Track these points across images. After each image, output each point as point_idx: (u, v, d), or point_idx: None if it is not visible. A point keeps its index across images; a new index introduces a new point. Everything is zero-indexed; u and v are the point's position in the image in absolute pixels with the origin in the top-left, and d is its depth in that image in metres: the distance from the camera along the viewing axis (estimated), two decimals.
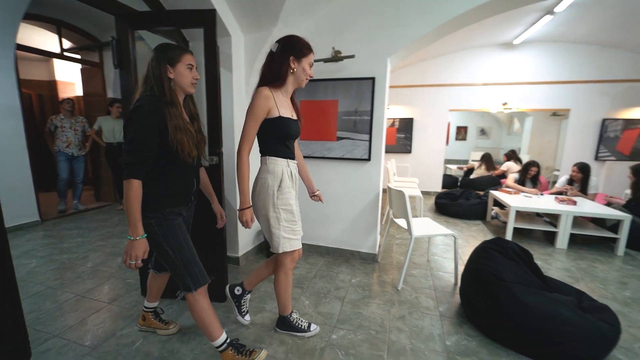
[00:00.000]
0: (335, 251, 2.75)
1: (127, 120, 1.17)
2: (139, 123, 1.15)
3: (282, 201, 1.42)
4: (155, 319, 1.69)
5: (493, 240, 1.89)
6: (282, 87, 1.42)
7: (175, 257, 1.28)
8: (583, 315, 1.49)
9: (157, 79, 1.22)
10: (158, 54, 1.23)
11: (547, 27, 4.21)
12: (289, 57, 1.36)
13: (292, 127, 1.43)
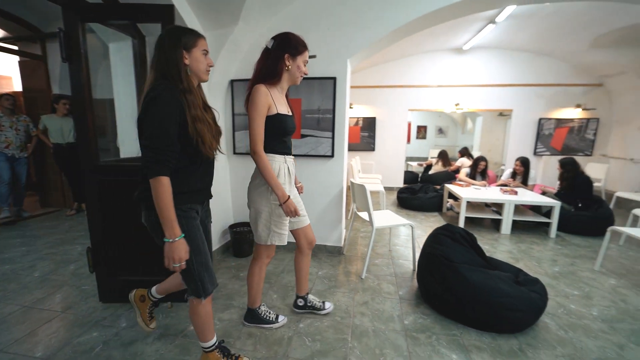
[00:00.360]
0: None
1: (144, 112, 1.07)
2: (160, 115, 1.05)
3: (275, 196, 1.44)
4: (148, 309, 1.56)
5: (443, 226, 2.09)
6: (277, 84, 1.44)
7: (190, 260, 1.16)
8: (518, 288, 1.71)
9: (173, 65, 1.11)
10: (172, 39, 1.13)
11: (491, 35, 4.64)
12: (284, 55, 1.38)
13: (289, 123, 1.46)
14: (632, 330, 1.74)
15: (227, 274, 2.37)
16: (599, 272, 2.49)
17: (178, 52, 1.12)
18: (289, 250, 2.83)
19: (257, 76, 1.41)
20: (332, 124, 2.52)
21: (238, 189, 2.85)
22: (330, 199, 2.68)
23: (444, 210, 4.34)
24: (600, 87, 5.18)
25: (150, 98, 1.06)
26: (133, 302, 1.56)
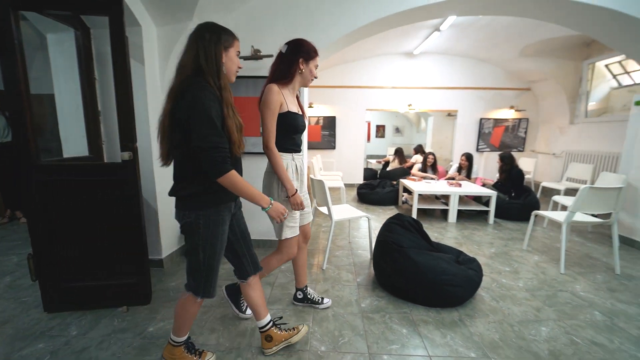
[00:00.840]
0: (265, 243, 2.85)
1: (189, 112, 1.03)
2: (209, 113, 1.04)
3: (285, 193, 1.52)
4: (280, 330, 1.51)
5: (394, 216, 2.28)
6: (289, 85, 1.51)
7: (203, 262, 1.21)
8: (458, 266, 1.94)
9: (213, 62, 1.10)
10: (214, 35, 1.11)
11: (437, 41, 5.05)
12: (298, 59, 1.47)
13: (299, 121, 1.53)
14: (547, 296, 2.07)
15: None
16: (526, 251, 2.88)
17: (219, 48, 1.12)
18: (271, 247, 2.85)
19: (271, 77, 1.50)
20: None
21: None
22: None
23: (399, 203, 4.64)
24: (528, 91, 5.90)
25: (193, 97, 1.04)
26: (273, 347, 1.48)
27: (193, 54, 1.10)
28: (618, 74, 4.85)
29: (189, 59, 1.10)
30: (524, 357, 1.50)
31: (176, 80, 1.11)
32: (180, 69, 1.11)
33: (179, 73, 1.11)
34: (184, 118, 1.06)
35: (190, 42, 1.12)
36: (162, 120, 1.13)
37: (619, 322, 1.81)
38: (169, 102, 1.11)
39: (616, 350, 1.57)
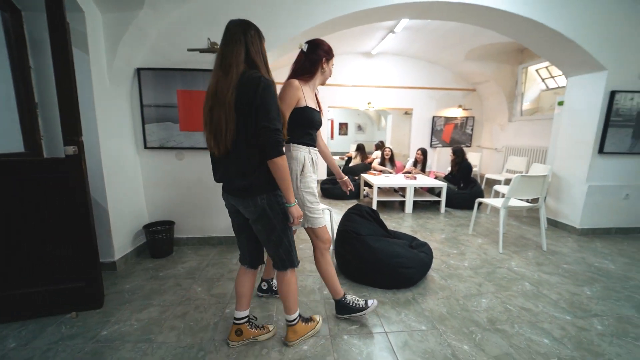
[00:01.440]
0: (227, 240, 2.81)
1: (264, 92, 1.13)
2: (275, 100, 1.16)
3: (304, 184, 1.54)
4: (252, 328, 1.54)
5: (353, 206, 2.40)
6: (309, 82, 1.57)
7: (284, 235, 1.35)
8: (411, 250, 2.11)
9: (261, 56, 1.22)
10: (255, 32, 1.23)
11: (393, 43, 5.32)
12: (322, 58, 1.54)
13: (316, 116, 1.56)
14: (488, 273, 2.33)
15: (145, 275, 2.23)
16: (471, 235, 3.19)
17: (263, 44, 1.24)
18: (214, 245, 2.80)
19: (293, 74, 1.57)
20: None
21: (152, 186, 2.67)
22: None
23: (361, 197, 4.83)
24: (474, 91, 6.46)
25: (265, 84, 1.14)
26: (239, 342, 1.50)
27: (243, 50, 1.18)
28: (546, 77, 5.51)
29: (240, 55, 1.17)
30: (466, 325, 1.69)
31: (232, 73, 1.15)
32: (232, 64, 1.16)
33: (233, 67, 1.16)
34: (259, 104, 1.14)
35: (234, 38, 1.18)
36: (224, 114, 1.15)
37: (543, 289, 2.10)
38: (231, 94, 1.14)
39: (540, 312, 1.82)
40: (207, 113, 1.19)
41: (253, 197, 1.26)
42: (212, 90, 1.19)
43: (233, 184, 1.28)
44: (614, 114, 3.04)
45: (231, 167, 1.25)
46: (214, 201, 2.73)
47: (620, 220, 3.31)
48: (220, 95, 1.15)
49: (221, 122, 1.16)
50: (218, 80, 1.17)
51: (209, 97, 1.20)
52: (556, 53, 3.17)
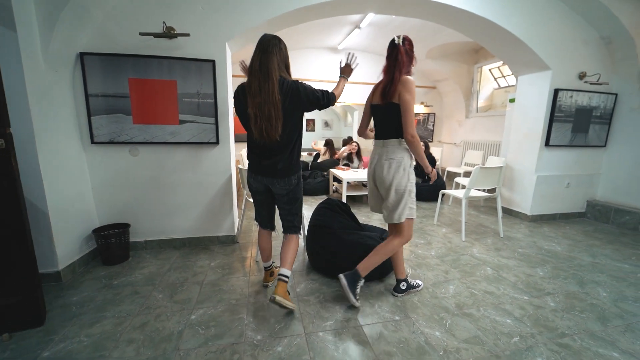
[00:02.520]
0: (191, 241, 2.63)
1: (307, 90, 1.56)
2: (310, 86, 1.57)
3: (412, 176, 1.69)
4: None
5: (324, 201, 2.37)
6: None
7: (300, 207, 1.78)
8: (381, 242, 2.12)
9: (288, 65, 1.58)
10: (283, 45, 1.55)
11: (358, 38, 5.36)
12: (414, 55, 1.67)
13: None
14: (453, 260, 2.44)
15: (96, 285, 2.00)
16: (436, 225, 3.32)
17: (288, 54, 1.59)
18: (176, 247, 2.61)
19: (403, 70, 1.61)
20: (214, 109, 2.43)
21: (102, 186, 2.40)
22: (218, 187, 2.60)
23: (330, 192, 4.83)
24: (434, 89, 6.76)
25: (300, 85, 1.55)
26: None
27: (276, 59, 1.49)
28: (498, 77, 5.93)
29: (275, 62, 1.48)
30: (436, 312, 1.74)
31: (272, 77, 1.47)
32: (271, 70, 1.47)
33: (272, 72, 1.47)
34: (306, 99, 1.56)
35: (270, 49, 1.49)
36: (274, 110, 1.47)
37: (503, 273, 2.24)
38: (278, 95, 1.47)
39: (501, 295, 1.94)
40: (258, 108, 1.47)
41: (289, 176, 1.64)
42: (255, 89, 1.47)
43: (275, 166, 1.60)
44: (558, 110, 3.34)
45: (276, 153, 1.58)
46: (174, 200, 2.53)
47: (563, 206, 3.67)
48: (267, 95, 1.46)
49: (272, 116, 1.47)
50: (260, 81, 1.47)
51: (255, 94, 1.47)
52: (508, 52, 3.39)
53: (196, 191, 2.56)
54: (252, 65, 1.49)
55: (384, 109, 1.67)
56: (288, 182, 1.65)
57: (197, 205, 2.59)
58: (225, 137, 2.52)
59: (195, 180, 2.54)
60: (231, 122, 2.64)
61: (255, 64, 1.48)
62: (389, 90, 1.61)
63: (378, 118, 1.76)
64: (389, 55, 1.65)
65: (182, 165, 2.50)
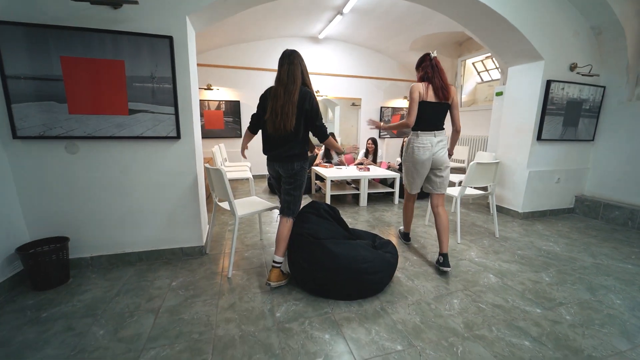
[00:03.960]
0: (150, 255, 2.21)
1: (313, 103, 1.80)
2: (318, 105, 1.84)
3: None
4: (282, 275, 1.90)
5: (309, 204, 2.03)
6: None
7: (301, 193, 1.94)
8: (375, 252, 1.82)
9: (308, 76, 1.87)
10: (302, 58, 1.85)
11: (340, 27, 5.04)
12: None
13: None
14: (452, 266, 2.18)
15: (18, 320, 1.55)
16: (428, 226, 3.09)
17: (306, 67, 1.85)
18: (131, 263, 2.18)
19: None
20: (173, 96, 2.01)
21: (31, 192, 1.93)
22: (182, 190, 2.19)
23: (313, 191, 4.50)
24: None
25: (312, 96, 1.81)
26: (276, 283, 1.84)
27: (299, 71, 1.79)
28: (481, 71, 5.83)
29: (298, 72, 1.78)
30: (444, 336, 1.46)
31: (297, 84, 1.76)
32: (296, 78, 1.77)
33: (297, 80, 1.77)
34: (309, 109, 1.79)
35: (295, 61, 1.79)
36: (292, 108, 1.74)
37: (507, 280, 2.01)
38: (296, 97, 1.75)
39: (511, 308, 1.70)
40: (280, 107, 1.74)
41: (292, 162, 1.86)
42: (280, 93, 1.75)
43: (286, 152, 1.84)
44: (550, 103, 3.19)
45: (288, 142, 1.82)
46: (127, 206, 2.10)
47: (553, 202, 3.56)
48: (290, 96, 1.73)
49: (289, 113, 1.73)
50: (287, 85, 1.75)
51: (279, 96, 1.75)
52: (500, 41, 3.20)
53: (154, 195, 2.14)
54: (280, 74, 1.79)
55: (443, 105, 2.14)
56: (291, 166, 1.87)
57: (155, 211, 2.17)
58: (188, 131, 2.11)
59: (153, 182, 2.12)
60: (196, 113, 2.23)
61: (283, 73, 1.78)
62: (447, 93, 2.09)
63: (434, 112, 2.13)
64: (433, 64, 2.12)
65: (135, 164, 2.07)
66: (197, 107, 2.36)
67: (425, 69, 2.11)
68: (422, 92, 2.07)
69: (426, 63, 2.11)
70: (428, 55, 2.11)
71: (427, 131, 2.15)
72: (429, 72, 2.08)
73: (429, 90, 2.06)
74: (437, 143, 2.15)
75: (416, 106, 2.08)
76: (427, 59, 2.12)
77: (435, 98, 2.07)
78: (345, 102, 8.44)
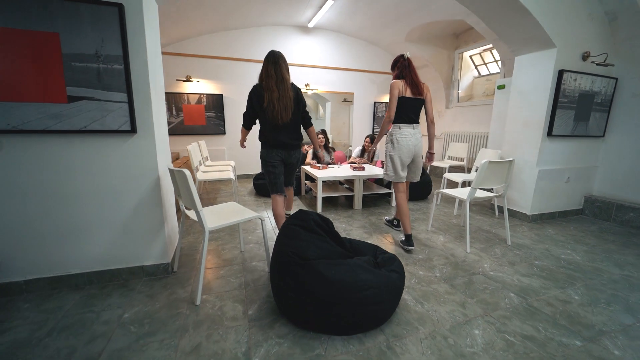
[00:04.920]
0: (101, 276, 1.81)
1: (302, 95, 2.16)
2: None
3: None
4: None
5: (295, 215, 1.65)
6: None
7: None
8: (379, 273, 1.47)
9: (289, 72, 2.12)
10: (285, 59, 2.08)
11: (331, 15, 4.66)
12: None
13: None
14: (465, 284, 1.86)
15: None
16: (431, 232, 2.76)
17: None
18: (77, 287, 1.77)
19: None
20: (125, 79, 1.61)
21: None
22: (140, 196, 1.79)
23: (302, 193, 4.13)
24: None
25: (300, 91, 2.15)
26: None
27: (286, 71, 2.04)
28: (479, 64, 5.57)
29: (285, 70, 2.04)
30: None
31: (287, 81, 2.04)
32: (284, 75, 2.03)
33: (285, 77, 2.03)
34: (302, 99, 2.15)
35: (281, 61, 2.03)
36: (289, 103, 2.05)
37: (532, 300, 1.70)
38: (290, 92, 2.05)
39: (546, 341, 1.38)
40: (277, 100, 2.01)
41: (299, 147, 2.26)
42: (273, 86, 2.00)
43: (294, 141, 2.19)
44: (561, 95, 2.91)
45: (292, 130, 2.17)
46: (71, 218, 1.69)
47: (561, 203, 3.30)
48: (284, 91, 2.02)
49: (288, 105, 2.05)
50: (277, 82, 2.01)
51: (273, 90, 2.00)
52: (509, 26, 2.89)
53: (105, 203, 1.74)
54: (268, 71, 2.00)
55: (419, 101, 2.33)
56: (299, 152, 2.25)
57: (107, 223, 1.77)
58: (147, 123, 1.71)
59: (103, 186, 1.71)
60: (159, 102, 1.84)
61: (271, 71, 1.99)
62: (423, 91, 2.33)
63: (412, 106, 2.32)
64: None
65: (78, 165, 1.66)
66: (162, 94, 1.96)
67: (400, 68, 2.31)
68: (401, 88, 2.26)
69: (401, 62, 2.32)
70: (402, 56, 2.32)
71: (407, 124, 2.33)
72: (404, 70, 2.29)
73: (407, 87, 2.26)
74: (415, 134, 2.35)
75: (396, 101, 2.26)
76: (401, 59, 2.32)
77: (412, 94, 2.26)
78: (337, 97, 8.09)
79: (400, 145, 2.34)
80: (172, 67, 4.67)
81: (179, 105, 4.77)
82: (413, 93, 2.26)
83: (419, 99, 2.30)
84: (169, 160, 2.13)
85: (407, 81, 2.26)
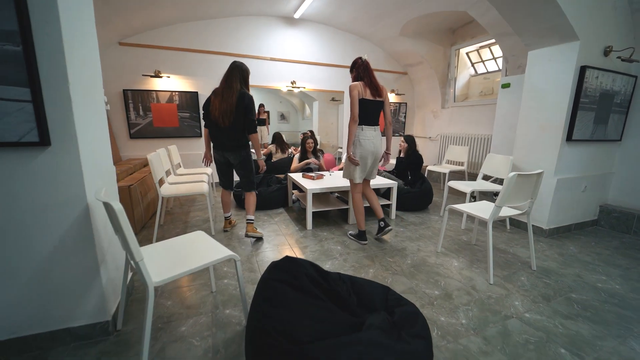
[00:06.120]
0: (10, 346, 1.28)
1: (248, 103, 2.34)
2: (253, 105, 2.38)
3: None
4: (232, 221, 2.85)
5: (280, 265, 1.18)
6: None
7: (252, 173, 2.60)
8: (400, 346, 1.03)
9: (248, 82, 2.46)
10: (244, 67, 2.43)
11: (320, 3, 4.19)
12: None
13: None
14: (500, 334, 1.46)
15: None
16: (442, 254, 2.36)
17: (248, 75, 2.44)
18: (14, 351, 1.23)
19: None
20: (25, 67, 1.09)
21: None
22: (60, 234, 1.27)
23: (289, 204, 3.66)
24: (405, 75, 5.91)
25: (249, 97, 2.35)
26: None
27: (239, 78, 2.36)
28: (476, 62, 5.25)
29: (237, 80, 2.36)
30: None
31: (234, 89, 2.33)
32: (234, 85, 2.34)
33: (234, 86, 2.34)
34: (246, 107, 2.33)
35: (237, 73, 2.36)
36: (229, 108, 2.32)
37: (588, 358, 1.31)
38: (233, 99, 2.32)
39: None
40: (220, 103, 2.32)
41: (239, 150, 2.46)
42: (219, 91, 2.36)
43: (232, 143, 2.42)
44: (583, 95, 2.57)
45: (231, 133, 2.39)
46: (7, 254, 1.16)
47: (577, 215, 2.98)
48: (229, 97, 2.32)
49: (227, 110, 2.32)
50: (224, 89, 2.34)
51: (218, 94, 2.35)
52: (525, 14, 2.52)
53: (6, 247, 1.21)
54: (223, 78, 2.39)
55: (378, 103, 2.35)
56: (239, 154, 2.48)
57: (11, 275, 1.24)
58: (65, 130, 1.20)
59: (5, 222, 1.19)
60: (95, 100, 1.32)
61: (224, 78, 2.38)
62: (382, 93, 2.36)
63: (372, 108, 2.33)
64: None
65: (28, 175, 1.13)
66: (100, 89, 1.45)
67: (358, 69, 2.31)
68: (360, 90, 2.25)
69: (358, 64, 2.32)
70: (360, 58, 2.32)
71: (369, 125, 2.35)
72: (362, 72, 2.29)
73: (366, 88, 2.26)
74: (376, 137, 2.40)
75: (357, 102, 2.24)
76: (359, 61, 2.33)
77: (372, 96, 2.28)
78: (325, 96, 7.65)
79: (362, 147, 2.35)
80: (137, 61, 4.07)
81: (147, 104, 4.18)
82: (372, 95, 2.28)
83: (378, 101, 2.32)
84: (113, 179, 1.61)
85: (366, 83, 2.26)
